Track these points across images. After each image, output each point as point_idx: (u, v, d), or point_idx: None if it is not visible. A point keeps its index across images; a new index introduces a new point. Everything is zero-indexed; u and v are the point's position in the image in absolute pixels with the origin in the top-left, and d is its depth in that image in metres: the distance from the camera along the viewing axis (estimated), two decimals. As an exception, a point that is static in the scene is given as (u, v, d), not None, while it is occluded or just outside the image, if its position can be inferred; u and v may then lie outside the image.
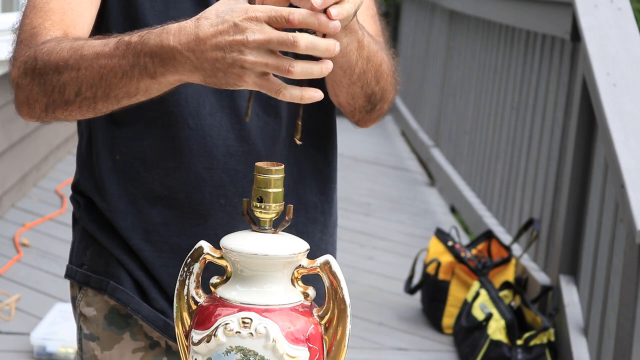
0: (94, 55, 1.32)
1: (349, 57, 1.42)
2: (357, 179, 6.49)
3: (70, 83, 1.34)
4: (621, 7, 3.72)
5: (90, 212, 1.58)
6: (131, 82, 1.31)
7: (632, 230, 2.94)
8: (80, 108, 1.36)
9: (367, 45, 1.45)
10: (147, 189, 1.53)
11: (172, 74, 1.28)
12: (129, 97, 1.34)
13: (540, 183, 4.26)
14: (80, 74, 1.33)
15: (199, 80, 1.28)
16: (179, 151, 1.51)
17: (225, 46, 1.23)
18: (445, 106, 6.53)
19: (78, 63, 1.33)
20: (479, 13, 5.72)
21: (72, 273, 1.61)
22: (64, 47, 1.35)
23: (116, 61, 1.31)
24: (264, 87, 1.26)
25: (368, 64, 1.46)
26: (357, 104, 1.52)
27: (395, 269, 4.71)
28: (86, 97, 1.34)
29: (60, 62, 1.34)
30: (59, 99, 1.36)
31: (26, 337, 3.62)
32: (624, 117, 3.27)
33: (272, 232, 1.30)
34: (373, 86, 1.50)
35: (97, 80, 1.32)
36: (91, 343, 1.59)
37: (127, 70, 1.30)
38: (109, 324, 1.58)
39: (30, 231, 4.75)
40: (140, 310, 1.55)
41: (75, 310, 1.63)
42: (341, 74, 1.45)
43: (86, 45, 1.34)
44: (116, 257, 1.56)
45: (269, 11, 1.23)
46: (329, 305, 1.29)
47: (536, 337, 3.59)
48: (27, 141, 5.17)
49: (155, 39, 1.28)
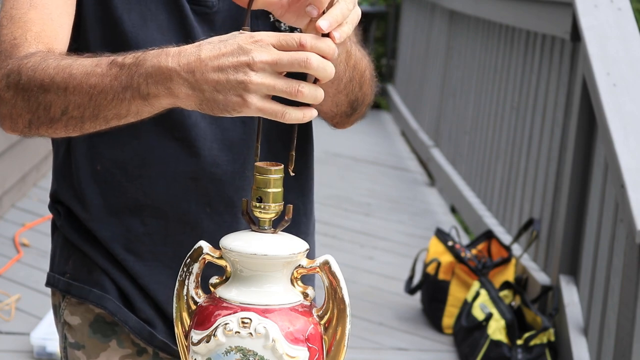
0: (83, 74, 1.28)
1: (338, 68, 1.40)
2: (357, 179, 6.49)
3: (56, 101, 1.30)
4: (621, 7, 3.72)
5: (71, 221, 1.55)
6: (122, 104, 1.27)
7: (632, 230, 2.94)
8: (67, 127, 1.32)
9: (354, 54, 1.44)
10: (129, 198, 1.51)
11: (166, 96, 1.24)
12: (119, 119, 1.29)
13: (540, 183, 4.26)
14: (68, 93, 1.28)
15: (194, 105, 1.23)
16: (163, 161, 1.49)
17: (228, 67, 1.19)
18: (445, 106, 6.53)
19: (66, 82, 1.28)
20: (479, 13, 5.72)
21: (54, 281, 1.59)
22: (50, 64, 1.30)
23: (108, 81, 1.26)
24: (268, 110, 1.21)
25: (354, 72, 1.46)
26: (339, 111, 1.52)
27: (395, 269, 4.71)
28: (73, 116, 1.30)
29: (45, 79, 1.29)
30: (44, 116, 1.32)
31: (26, 337, 3.62)
32: (624, 117, 3.27)
33: (272, 232, 1.30)
34: (357, 92, 1.50)
35: (85, 101, 1.28)
36: (76, 352, 1.57)
37: (118, 92, 1.26)
38: (95, 332, 1.56)
39: (30, 231, 4.75)
40: (128, 321, 1.53)
41: (58, 318, 1.60)
42: (329, 84, 1.43)
43: (75, 64, 1.30)
44: (100, 266, 1.53)
45: (279, 35, 1.20)
46: (329, 305, 1.29)
47: (536, 337, 3.59)
48: (27, 141, 5.17)
49: (152, 60, 1.24)
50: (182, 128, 1.48)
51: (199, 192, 1.50)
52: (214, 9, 1.49)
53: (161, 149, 1.49)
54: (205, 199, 1.50)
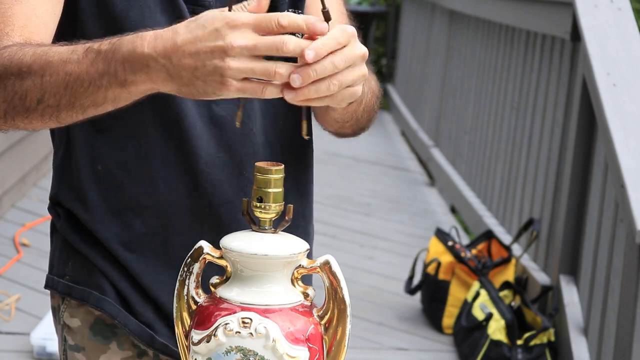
0: (60, 61, 1.26)
1: (345, 113, 1.46)
2: (357, 179, 6.49)
3: (32, 89, 1.28)
4: (621, 7, 3.72)
5: (71, 222, 1.54)
6: (99, 91, 1.25)
7: (632, 230, 2.94)
8: (42, 116, 1.30)
9: (365, 95, 1.46)
10: (130, 199, 1.50)
11: (144, 82, 1.23)
12: (96, 107, 1.28)
13: (540, 183, 4.26)
14: (45, 80, 1.27)
15: (172, 90, 1.23)
16: (163, 161, 1.49)
17: (205, 53, 1.19)
18: (445, 106, 6.53)
19: (42, 69, 1.27)
20: (479, 13, 5.72)
21: (54, 284, 1.58)
22: (26, 52, 1.29)
23: (84, 68, 1.25)
24: (249, 90, 1.20)
25: (363, 113, 1.50)
26: (345, 134, 1.57)
27: (395, 269, 4.71)
28: (49, 104, 1.28)
29: (23, 67, 1.28)
30: (20, 105, 1.30)
31: (26, 337, 3.62)
32: (624, 117, 3.27)
33: (272, 232, 1.30)
34: (363, 124, 1.54)
35: (61, 88, 1.27)
36: (76, 354, 1.56)
37: (95, 79, 1.25)
38: (95, 334, 1.55)
39: (30, 231, 4.75)
40: (128, 324, 1.52)
41: (58, 321, 1.59)
42: (333, 122, 1.48)
43: (51, 51, 1.28)
44: (99, 268, 1.52)
45: (256, 17, 1.19)
46: (329, 305, 1.29)
47: (536, 337, 3.59)
48: (27, 141, 5.17)
49: (127, 46, 1.23)
50: (180, 128, 1.48)
51: (199, 192, 1.50)
52: (211, 9, 1.49)
53: (161, 149, 1.49)
54: (205, 199, 1.50)
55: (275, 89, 1.22)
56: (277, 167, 1.29)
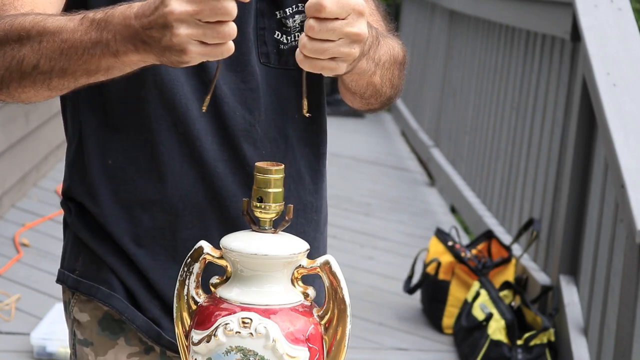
0: (56, 29, 1.30)
1: (358, 84, 1.46)
2: (357, 179, 6.49)
3: (29, 55, 1.32)
4: (621, 7, 3.72)
5: (81, 218, 1.55)
6: (92, 60, 1.29)
7: (632, 230, 2.94)
8: (34, 83, 1.34)
9: (379, 63, 1.46)
10: (140, 193, 1.51)
11: (133, 52, 1.27)
12: (88, 76, 1.32)
13: (540, 183, 4.26)
14: (42, 46, 1.31)
15: (154, 60, 1.27)
16: (171, 155, 1.50)
17: (156, 24, 1.23)
18: (445, 106, 6.53)
19: (40, 35, 1.31)
20: (479, 13, 5.72)
21: (64, 278, 1.59)
22: (26, 19, 1.33)
23: (78, 36, 1.29)
24: (211, 53, 1.24)
25: (382, 83, 1.50)
26: (372, 107, 1.58)
27: (395, 269, 4.71)
28: (43, 71, 1.32)
29: (22, 32, 1.32)
30: (16, 70, 1.34)
31: (26, 337, 3.62)
32: (624, 117, 3.27)
33: (272, 232, 1.30)
34: (387, 93, 1.54)
35: (56, 54, 1.30)
36: (85, 348, 1.57)
37: (88, 47, 1.28)
38: (103, 329, 1.56)
39: (30, 231, 4.75)
40: (135, 320, 1.53)
41: (68, 315, 1.61)
42: (351, 96, 1.50)
43: (50, 18, 1.32)
44: (108, 264, 1.54)
45: None
46: (329, 305, 1.29)
47: (536, 337, 3.59)
48: (27, 141, 5.17)
49: (119, 16, 1.27)
50: (185, 123, 1.49)
51: (206, 186, 1.51)
52: None
53: (168, 144, 1.50)
54: (211, 193, 1.51)
55: (231, 46, 1.24)
56: (277, 167, 1.29)
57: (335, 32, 1.26)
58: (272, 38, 1.52)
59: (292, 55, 1.52)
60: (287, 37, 1.53)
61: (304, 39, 1.26)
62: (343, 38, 1.26)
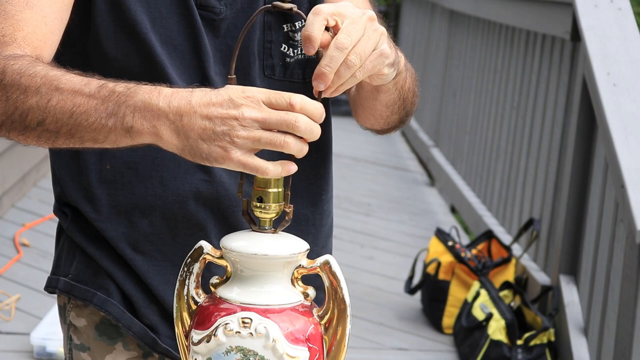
0: (70, 91, 1.26)
1: (394, 92, 1.49)
2: (357, 179, 6.50)
3: (35, 110, 1.27)
4: (621, 7, 3.72)
5: (77, 222, 1.54)
6: (102, 130, 1.25)
7: (632, 230, 2.94)
8: (39, 138, 1.30)
9: (404, 69, 1.50)
10: (138, 198, 1.50)
11: (149, 135, 1.23)
12: (94, 142, 1.28)
13: (540, 183, 4.26)
14: (50, 105, 1.26)
15: (174, 148, 1.24)
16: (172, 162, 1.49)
17: (216, 118, 1.20)
18: (446, 106, 6.54)
19: (50, 93, 1.26)
20: (479, 13, 5.72)
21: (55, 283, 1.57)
22: (38, 72, 1.28)
23: (93, 104, 1.25)
24: (250, 165, 1.22)
25: (408, 92, 1.55)
26: (392, 124, 1.61)
27: (396, 269, 4.71)
28: (48, 129, 1.28)
29: (31, 87, 1.27)
30: (19, 122, 1.29)
31: (26, 337, 3.62)
32: (624, 117, 3.27)
33: (272, 232, 1.30)
34: (409, 106, 1.59)
35: (66, 117, 1.26)
36: (82, 354, 1.56)
37: (102, 117, 1.24)
38: (100, 334, 1.55)
39: (30, 231, 4.75)
40: (132, 327, 1.52)
41: (64, 320, 1.59)
42: (383, 109, 1.53)
43: (64, 78, 1.28)
44: (105, 269, 1.52)
45: (269, 92, 1.21)
46: (329, 305, 1.29)
47: (536, 337, 3.59)
48: (27, 141, 5.16)
49: (143, 95, 1.23)
50: None
51: (207, 193, 1.50)
52: (221, 16, 1.50)
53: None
54: (213, 200, 1.50)
55: (277, 168, 1.23)
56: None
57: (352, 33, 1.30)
58: (279, 51, 1.53)
59: (297, 68, 1.54)
60: (294, 50, 1.54)
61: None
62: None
